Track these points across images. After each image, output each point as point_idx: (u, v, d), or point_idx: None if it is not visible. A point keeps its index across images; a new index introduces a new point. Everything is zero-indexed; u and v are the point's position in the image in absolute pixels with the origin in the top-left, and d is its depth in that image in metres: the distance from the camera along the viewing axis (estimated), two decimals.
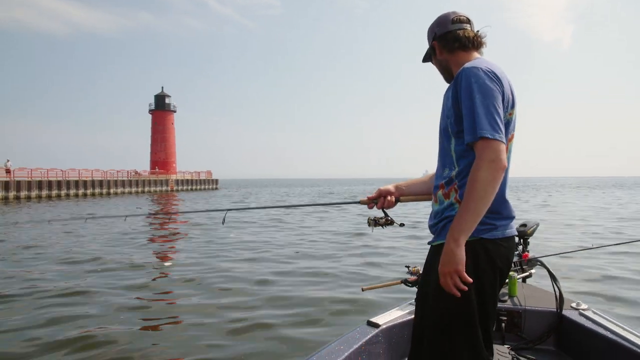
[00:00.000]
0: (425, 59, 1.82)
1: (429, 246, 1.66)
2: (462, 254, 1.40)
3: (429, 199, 1.81)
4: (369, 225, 1.84)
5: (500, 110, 1.46)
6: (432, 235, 1.65)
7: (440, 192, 1.62)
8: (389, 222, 1.84)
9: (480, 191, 1.39)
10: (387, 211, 1.86)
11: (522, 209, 19.11)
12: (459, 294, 1.42)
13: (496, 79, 1.48)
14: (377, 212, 1.86)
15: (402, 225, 1.89)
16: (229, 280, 6.19)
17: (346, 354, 1.97)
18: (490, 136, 1.40)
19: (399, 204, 1.86)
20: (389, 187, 1.86)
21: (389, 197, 1.84)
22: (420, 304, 1.64)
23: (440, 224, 1.59)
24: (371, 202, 1.85)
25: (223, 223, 2.48)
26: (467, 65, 1.53)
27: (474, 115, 1.43)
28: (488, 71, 1.48)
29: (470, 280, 1.42)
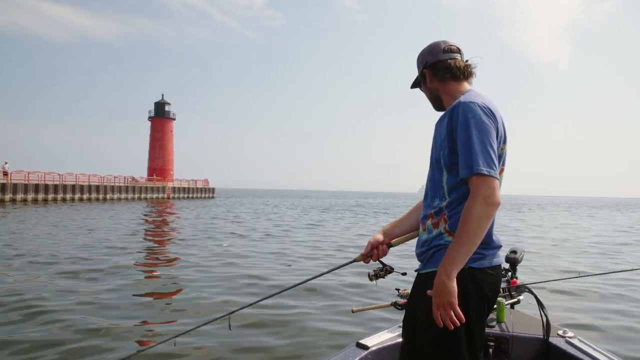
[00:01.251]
0: (414, 86, 1.85)
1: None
2: (453, 286, 1.44)
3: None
4: (371, 280, 1.83)
5: (495, 146, 1.50)
6: (419, 263, 1.68)
7: (429, 222, 1.65)
8: (388, 272, 1.82)
9: (474, 227, 1.43)
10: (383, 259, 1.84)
11: (516, 228, 19.17)
12: (451, 326, 1.44)
13: (491, 114, 1.53)
14: (374, 265, 1.86)
15: (404, 274, 1.85)
16: (210, 302, 6.10)
17: None
18: (486, 173, 1.44)
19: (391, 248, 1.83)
20: (378, 237, 1.84)
21: (381, 247, 1.82)
22: (409, 330, 1.67)
23: (428, 252, 1.62)
24: (366, 257, 1.84)
25: (230, 328, 2.21)
26: (463, 99, 1.56)
27: (470, 151, 1.46)
28: (484, 107, 1.52)
29: (463, 318, 1.45)
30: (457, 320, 1.45)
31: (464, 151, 1.48)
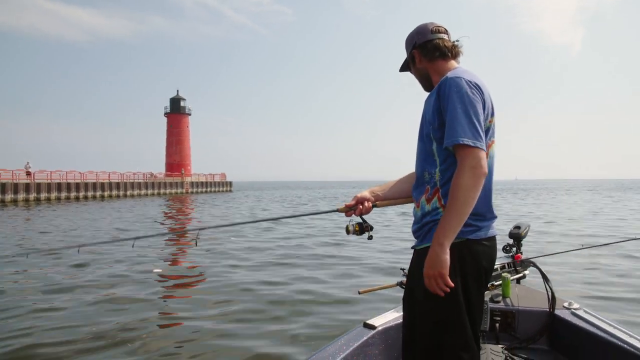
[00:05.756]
0: (402, 69, 1.87)
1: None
2: (446, 258, 1.46)
3: (405, 202, 1.87)
4: (348, 233, 1.82)
5: (482, 119, 1.53)
6: (416, 240, 1.70)
7: (422, 198, 1.67)
8: (367, 229, 1.82)
9: (462, 197, 1.46)
10: (365, 217, 1.85)
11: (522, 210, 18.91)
12: (442, 294, 1.49)
13: (477, 88, 1.56)
14: (355, 218, 1.85)
15: (370, 238, 1.83)
16: (221, 285, 6.27)
17: (343, 355, 2.02)
18: (472, 144, 1.47)
19: (375, 209, 1.86)
20: (365, 194, 1.87)
21: (365, 204, 1.84)
22: (409, 306, 1.70)
23: (424, 228, 1.64)
24: (349, 209, 1.85)
25: (196, 245, 2.24)
26: (449, 74, 1.60)
27: (455, 122, 1.49)
28: (470, 81, 1.55)
29: (452, 284, 1.48)
30: (447, 289, 1.49)
31: (450, 122, 1.51)
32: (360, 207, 1.84)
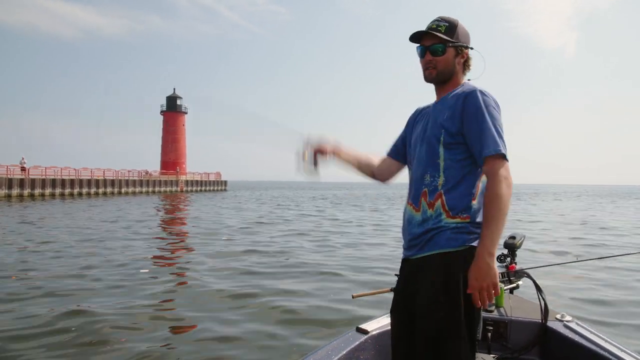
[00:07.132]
0: (417, 39, 1.72)
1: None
2: (496, 267, 1.51)
3: (354, 172, 1.93)
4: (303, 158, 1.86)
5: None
6: (410, 248, 1.67)
7: (423, 201, 1.65)
8: (315, 164, 1.87)
9: (504, 207, 1.51)
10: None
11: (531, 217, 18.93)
12: (480, 305, 1.51)
13: (500, 109, 1.64)
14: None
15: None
16: (211, 283, 6.23)
17: (334, 359, 2.02)
18: (506, 155, 1.55)
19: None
20: (330, 141, 1.90)
21: (329, 151, 1.88)
22: (405, 318, 1.67)
23: (425, 235, 1.61)
24: (317, 148, 1.87)
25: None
26: (479, 88, 1.63)
27: (492, 133, 1.56)
28: (496, 101, 1.64)
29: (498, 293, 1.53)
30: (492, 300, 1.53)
31: (487, 133, 1.56)
32: (326, 149, 1.87)
